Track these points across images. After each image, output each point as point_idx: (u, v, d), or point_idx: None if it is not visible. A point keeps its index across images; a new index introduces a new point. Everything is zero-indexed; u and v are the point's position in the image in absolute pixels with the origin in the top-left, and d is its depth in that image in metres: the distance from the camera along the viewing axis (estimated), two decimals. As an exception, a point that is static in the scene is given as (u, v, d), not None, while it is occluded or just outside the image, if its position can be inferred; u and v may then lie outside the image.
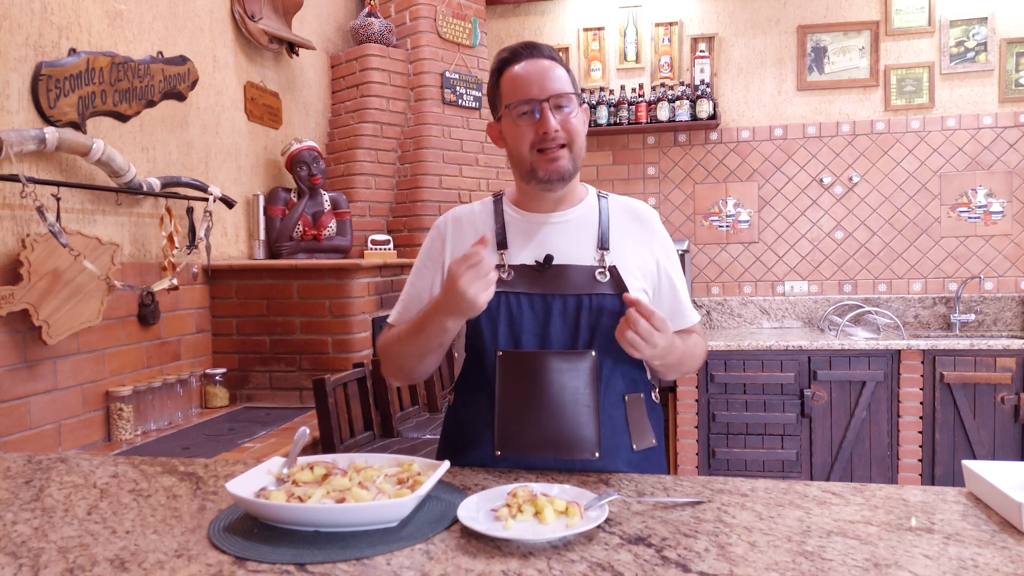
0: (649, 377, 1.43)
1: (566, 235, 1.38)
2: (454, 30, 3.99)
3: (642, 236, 1.42)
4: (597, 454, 1.29)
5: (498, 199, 1.46)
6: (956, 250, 4.03)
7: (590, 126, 4.14)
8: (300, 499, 1.03)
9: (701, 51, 4.13)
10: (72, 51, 2.29)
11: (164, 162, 2.73)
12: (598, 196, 1.46)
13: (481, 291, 1.19)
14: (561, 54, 4.34)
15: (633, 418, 1.35)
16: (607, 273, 1.34)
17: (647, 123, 4.12)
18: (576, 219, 1.41)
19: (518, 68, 1.35)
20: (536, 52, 1.36)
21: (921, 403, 3.50)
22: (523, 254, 1.37)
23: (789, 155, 4.17)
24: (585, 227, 1.40)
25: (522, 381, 1.31)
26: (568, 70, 1.37)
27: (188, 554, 0.96)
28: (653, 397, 1.44)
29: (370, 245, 3.52)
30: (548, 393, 1.29)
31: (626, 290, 1.32)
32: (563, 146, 1.33)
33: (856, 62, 4.08)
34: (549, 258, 1.35)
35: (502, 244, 1.39)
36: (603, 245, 1.37)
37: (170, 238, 2.60)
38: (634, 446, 1.35)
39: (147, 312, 2.59)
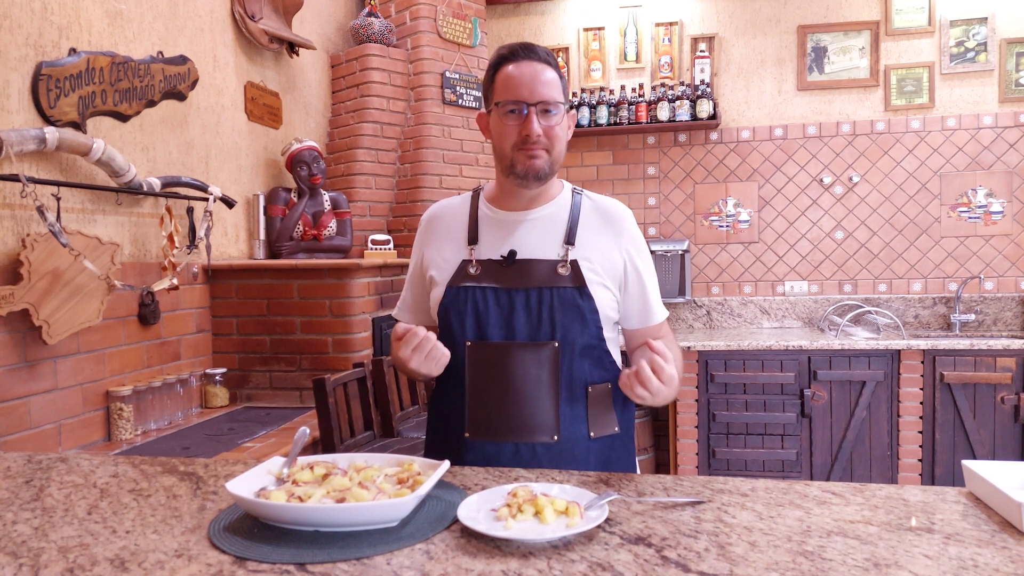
0: (621, 365, 1.48)
1: (535, 231, 1.45)
2: (454, 30, 3.99)
3: (611, 234, 1.46)
4: (556, 437, 1.39)
5: (476, 194, 1.54)
6: (956, 250, 4.03)
7: (590, 126, 4.19)
8: (300, 499, 1.03)
9: (701, 51, 4.13)
10: (72, 51, 2.29)
11: (164, 162, 2.73)
12: (572, 193, 1.51)
13: (432, 366, 1.31)
14: (561, 54, 4.37)
15: (594, 407, 1.43)
16: (568, 267, 1.40)
17: (647, 123, 4.12)
18: (546, 216, 1.47)
19: (512, 68, 1.40)
20: (532, 55, 1.41)
21: (921, 403, 3.50)
22: (492, 249, 1.45)
23: (789, 155, 4.17)
24: (554, 224, 1.46)
25: (489, 370, 1.40)
26: (561, 76, 1.43)
27: (188, 554, 0.96)
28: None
29: (370, 245, 3.53)
30: (512, 381, 1.39)
31: (584, 284, 1.39)
32: (544, 149, 1.39)
33: (856, 62, 4.08)
34: (512, 253, 1.42)
35: (473, 239, 1.47)
36: (569, 241, 1.43)
37: (170, 238, 2.60)
38: (591, 433, 1.42)
39: (147, 312, 2.59)
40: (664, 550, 0.94)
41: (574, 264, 1.41)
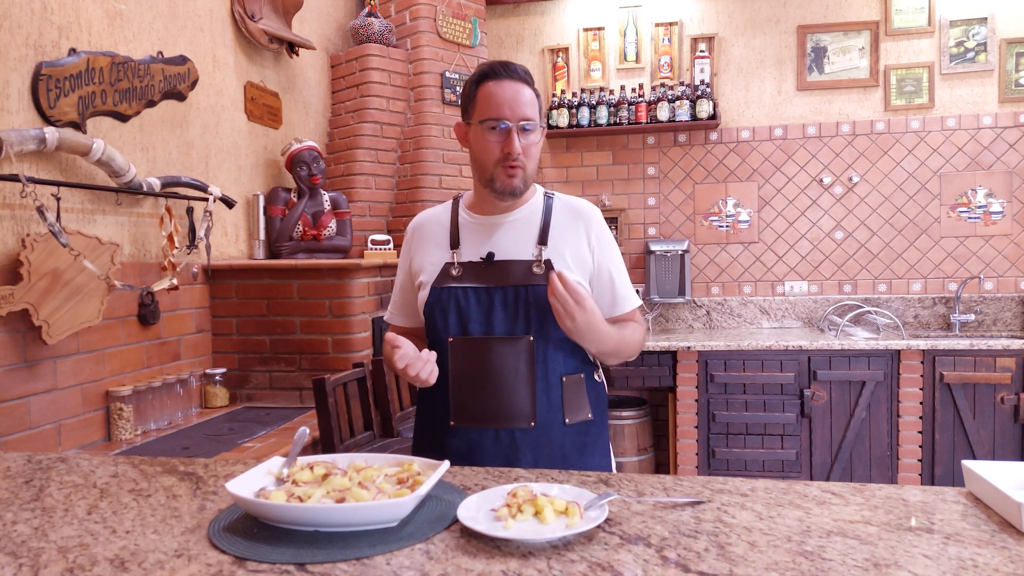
0: (592, 359, 1.60)
1: (510, 233, 1.56)
2: (454, 30, 3.99)
3: (580, 230, 1.58)
4: (532, 423, 1.50)
5: (456, 202, 1.65)
6: (956, 250, 4.03)
7: (590, 126, 4.20)
8: (300, 499, 1.03)
9: (701, 51, 4.13)
10: (72, 51, 2.29)
11: (164, 162, 2.73)
12: (544, 196, 1.63)
13: (426, 373, 1.40)
14: (561, 54, 4.38)
15: (568, 396, 1.54)
16: (542, 266, 1.52)
17: (647, 123, 4.12)
18: (520, 219, 1.58)
19: (494, 86, 1.50)
20: (513, 74, 1.51)
21: (921, 403, 3.50)
22: (472, 252, 1.56)
23: (789, 155, 4.17)
24: (528, 226, 1.57)
25: (470, 363, 1.52)
26: (537, 94, 1.55)
27: (188, 554, 0.96)
28: (595, 377, 1.61)
29: (370, 245, 3.53)
30: (491, 372, 1.50)
31: None
32: (521, 168, 1.50)
33: (856, 62, 4.08)
34: (491, 255, 1.54)
35: (455, 244, 1.58)
36: (542, 241, 1.55)
37: (170, 238, 2.60)
38: (567, 420, 1.53)
39: (147, 312, 2.59)
40: (664, 550, 0.94)
41: (548, 263, 1.52)
